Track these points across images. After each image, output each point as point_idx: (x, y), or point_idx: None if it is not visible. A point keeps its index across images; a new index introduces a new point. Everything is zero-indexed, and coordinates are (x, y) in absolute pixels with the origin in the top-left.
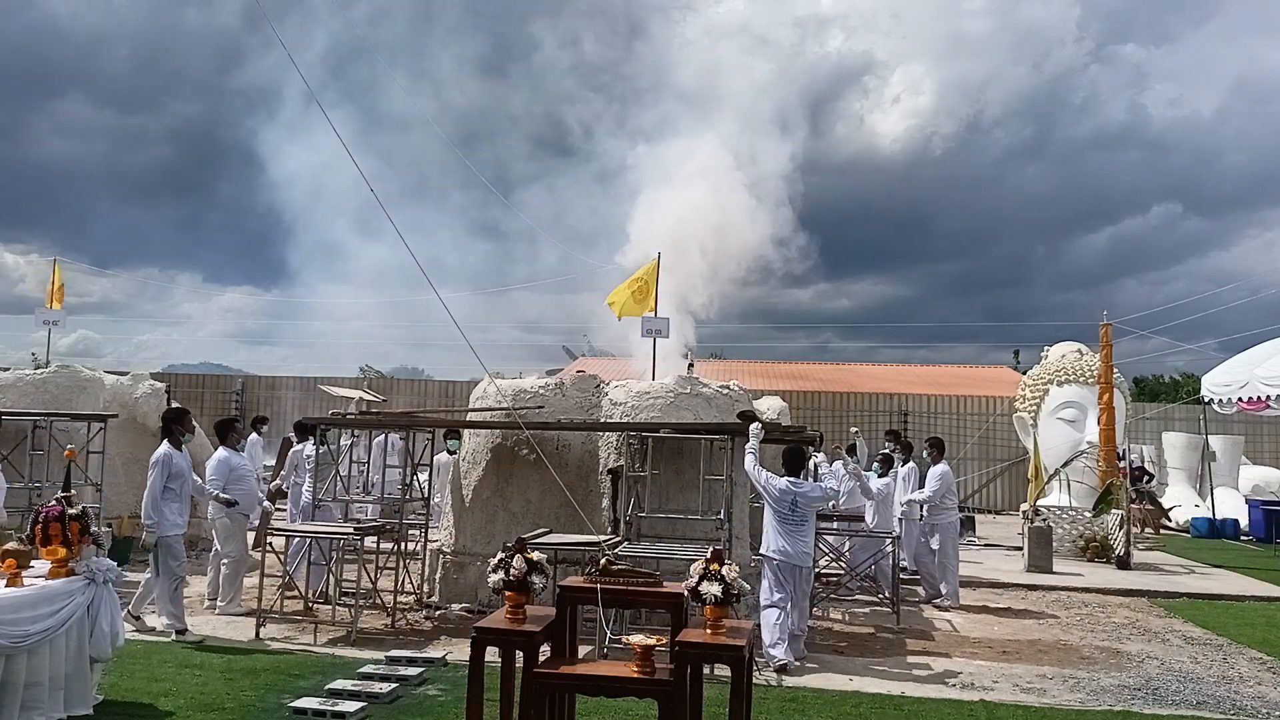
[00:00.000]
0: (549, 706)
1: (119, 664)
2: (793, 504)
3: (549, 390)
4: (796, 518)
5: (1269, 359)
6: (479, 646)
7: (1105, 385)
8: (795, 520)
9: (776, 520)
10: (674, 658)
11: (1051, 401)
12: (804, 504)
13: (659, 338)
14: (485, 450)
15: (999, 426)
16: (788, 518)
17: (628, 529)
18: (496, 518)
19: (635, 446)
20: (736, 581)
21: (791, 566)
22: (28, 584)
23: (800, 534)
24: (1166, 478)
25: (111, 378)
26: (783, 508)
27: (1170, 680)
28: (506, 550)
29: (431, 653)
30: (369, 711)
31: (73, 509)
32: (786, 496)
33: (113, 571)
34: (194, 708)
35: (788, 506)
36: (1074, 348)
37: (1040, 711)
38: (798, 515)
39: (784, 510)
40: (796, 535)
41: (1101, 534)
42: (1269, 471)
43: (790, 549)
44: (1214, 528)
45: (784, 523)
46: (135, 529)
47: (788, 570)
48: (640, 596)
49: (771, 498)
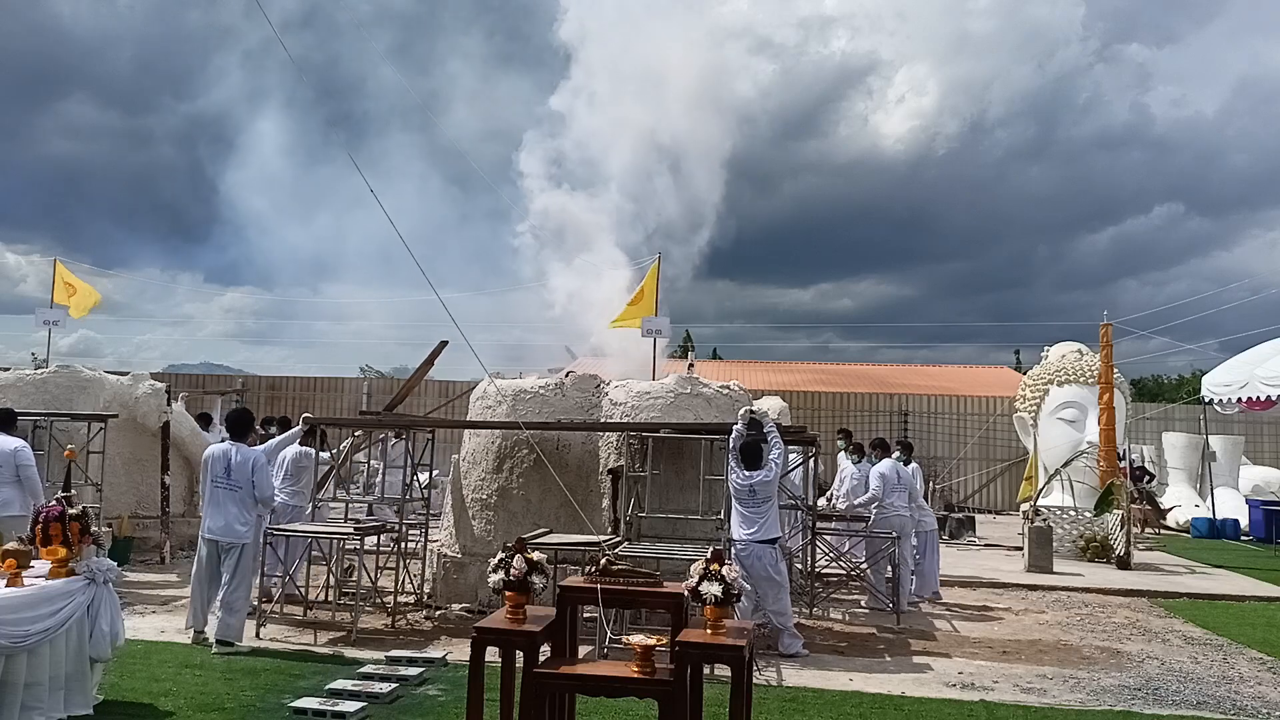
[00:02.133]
0: (549, 706)
1: (119, 664)
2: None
3: (549, 390)
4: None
5: (1269, 359)
6: (479, 646)
7: (1105, 385)
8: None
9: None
10: (674, 658)
11: (1052, 402)
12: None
13: (659, 338)
14: (486, 450)
15: (999, 426)
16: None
17: (628, 529)
18: (496, 518)
19: (635, 446)
20: (737, 582)
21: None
22: (28, 584)
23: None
24: (1167, 478)
25: (112, 378)
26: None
27: (1170, 680)
28: (507, 550)
29: (431, 653)
30: (369, 711)
31: (73, 509)
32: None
33: (113, 572)
34: (194, 708)
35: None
36: (1074, 348)
37: (1040, 711)
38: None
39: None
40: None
41: (1102, 534)
42: (1269, 472)
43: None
44: (1214, 528)
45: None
46: (135, 529)
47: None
48: (640, 596)
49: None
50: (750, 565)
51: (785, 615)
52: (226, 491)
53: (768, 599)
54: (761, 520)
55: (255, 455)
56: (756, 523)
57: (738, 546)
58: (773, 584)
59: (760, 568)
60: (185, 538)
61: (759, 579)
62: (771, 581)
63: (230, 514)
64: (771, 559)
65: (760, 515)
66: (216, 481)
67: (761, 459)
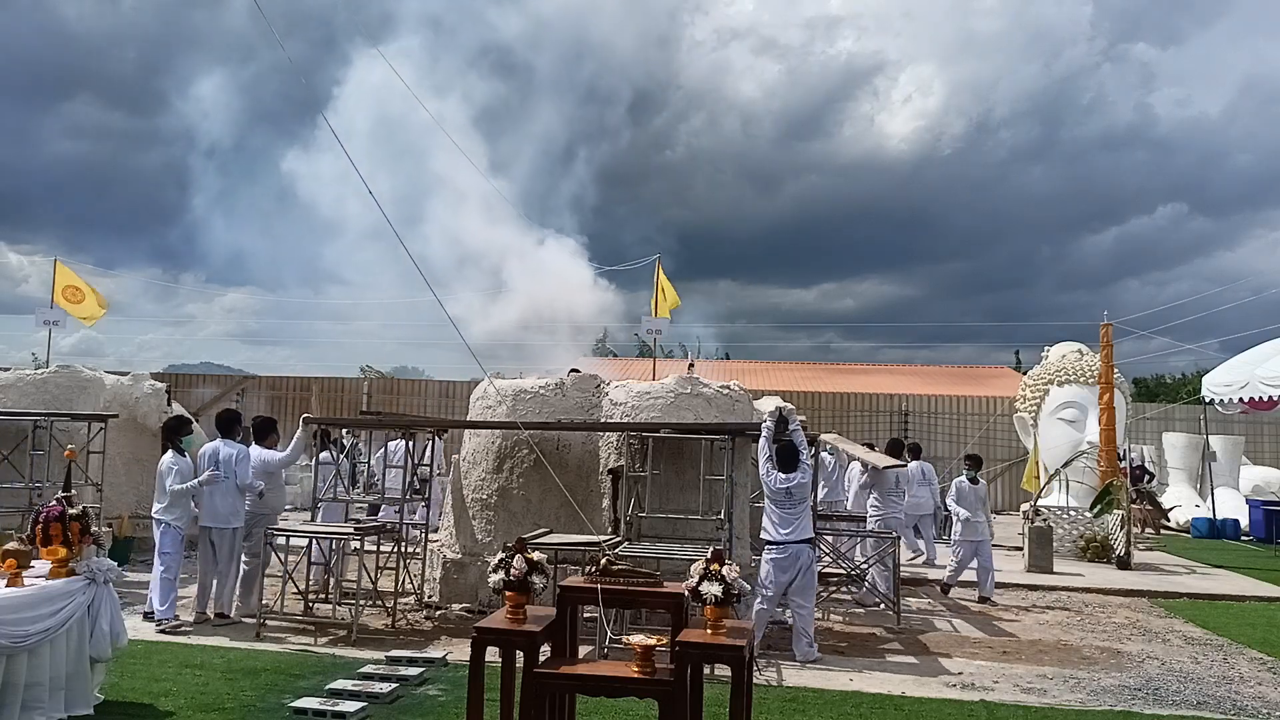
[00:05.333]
0: (549, 706)
1: (119, 664)
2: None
3: (549, 390)
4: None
5: (1269, 359)
6: (479, 646)
7: (1106, 385)
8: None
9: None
10: (674, 658)
11: (1052, 402)
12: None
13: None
14: (486, 450)
15: (999, 426)
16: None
17: (628, 529)
18: (497, 518)
19: (635, 446)
20: (737, 582)
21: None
22: (28, 584)
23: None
24: (1167, 478)
25: (112, 378)
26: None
27: (1170, 680)
28: (507, 550)
29: (432, 653)
30: (369, 711)
31: (73, 509)
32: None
33: (113, 571)
34: (194, 708)
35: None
36: (1074, 348)
37: (1040, 711)
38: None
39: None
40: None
41: (1102, 534)
42: (1269, 472)
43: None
44: (1214, 528)
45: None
46: (135, 529)
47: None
48: (640, 596)
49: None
50: (787, 566)
51: (810, 620)
52: (219, 483)
53: (798, 600)
54: (798, 520)
55: (239, 450)
56: (792, 523)
57: (774, 548)
58: (807, 586)
59: (797, 569)
60: (185, 537)
61: (793, 580)
62: (807, 583)
63: (220, 503)
64: (808, 559)
65: (796, 516)
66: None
67: (798, 461)
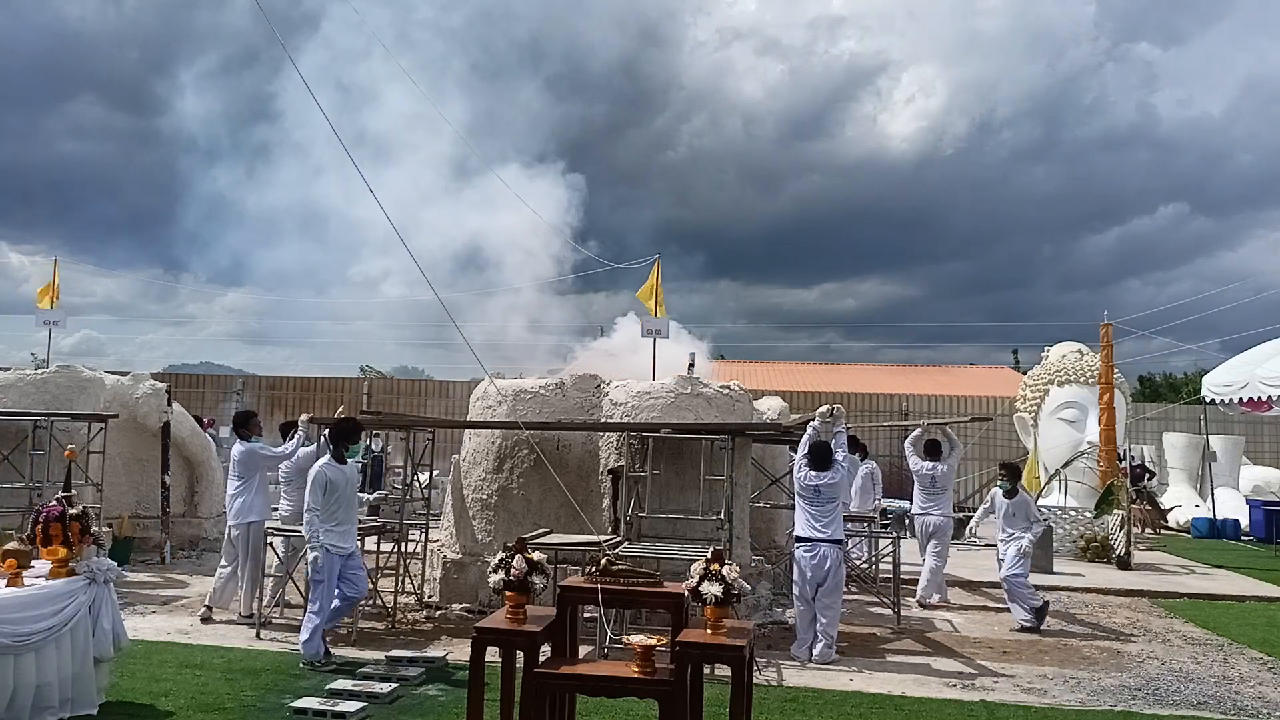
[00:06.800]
0: (549, 706)
1: (119, 664)
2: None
3: (549, 390)
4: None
5: (1270, 359)
6: (479, 646)
7: (1106, 385)
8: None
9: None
10: (674, 658)
11: (1052, 402)
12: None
13: (659, 338)
14: (486, 450)
15: (999, 426)
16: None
17: (628, 529)
18: (497, 518)
19: (635, 446)
20: (737, 582)
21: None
22: (28, 584)
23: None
24: (1167, 478)
25: (112, 378)
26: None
27: (1171, 680)
28: (507, 550)
29: (432, 653)
30: (369, 711)
31: (73, 509)
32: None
33: (113, 571)
34: (194, 708)
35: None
36: (1074, 348)
37: (1041, 711)
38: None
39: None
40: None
41: (1102, 534)
42: (1269, 472)
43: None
44: (1214, 528)
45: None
46: (135, 529)
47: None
48: (641, 596)
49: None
50: (814, 565)
51: (835, 623)
52: (236, 482)
53: (825, 601)
54: (828, 519)
55: (251, 445)
56: (822, 521)
57: (803, 544)
58: (834, 587)
59: (825, 568)
60: (185, 538)
61: (820, 580)
62: (834, 583)
63: (239, 501)
64: (836, 560)
65: (825, 515)
66: (230, 474)
67: (830, 460)
